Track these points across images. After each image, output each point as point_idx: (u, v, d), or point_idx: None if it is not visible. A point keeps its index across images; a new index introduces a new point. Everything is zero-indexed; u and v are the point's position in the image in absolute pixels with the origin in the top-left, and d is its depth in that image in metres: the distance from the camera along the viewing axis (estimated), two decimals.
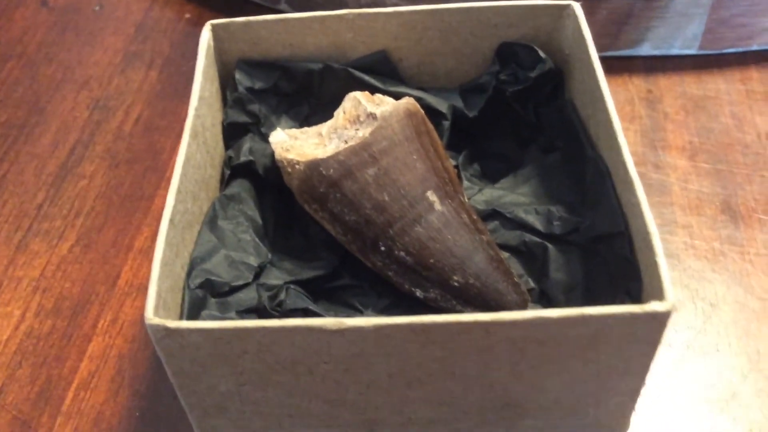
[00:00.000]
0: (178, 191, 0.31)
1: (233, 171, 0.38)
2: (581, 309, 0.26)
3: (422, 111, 0.37)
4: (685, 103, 0.47)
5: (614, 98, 0.47)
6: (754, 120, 0.46)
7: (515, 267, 0.37)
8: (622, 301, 0.30)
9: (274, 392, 0.29)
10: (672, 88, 0.48)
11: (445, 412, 0.31)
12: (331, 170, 0.34)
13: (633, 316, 0.26)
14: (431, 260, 0.34)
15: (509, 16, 0.39)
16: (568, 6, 0.38)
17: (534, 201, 0.38)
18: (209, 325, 0.26)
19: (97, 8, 0.57)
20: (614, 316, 0.26)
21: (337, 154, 0.34)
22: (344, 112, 0.36)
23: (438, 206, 0.34)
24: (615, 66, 0.50)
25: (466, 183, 0.40)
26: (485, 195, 0.39)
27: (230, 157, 0.38)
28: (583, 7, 0.47)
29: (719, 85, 0.48)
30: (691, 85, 0.48)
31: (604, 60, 0.49)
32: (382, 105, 0.35)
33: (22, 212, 0.43)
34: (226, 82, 0.40)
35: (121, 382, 0.36)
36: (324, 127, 0.36)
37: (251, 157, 0.38)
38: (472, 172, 0.41)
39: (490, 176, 0.41)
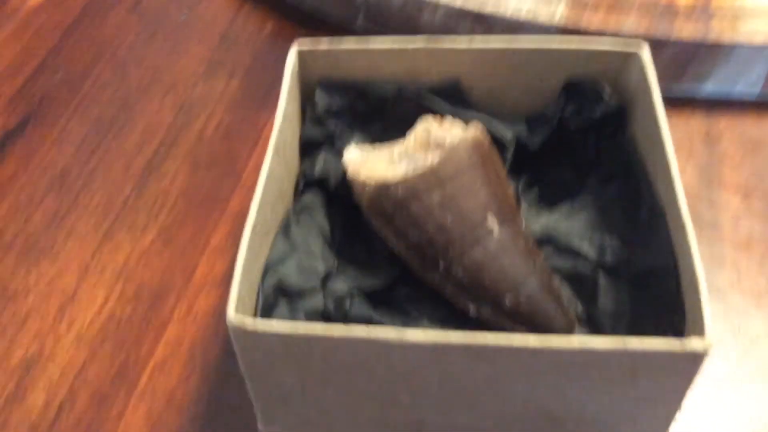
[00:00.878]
0: (261, 203, 0.34)
1: (307, 184, 0.41)
2: (624, 339, 0.29)
3: (488, 138, 0.39)
4: (743, 144, 0.49)
5: (673, 136, 0.49)
6: None
7: (565, 291, 0.39)
8: (664, 334, 0.32)
9: (334, 391, 0.32)
10: (731, 128, 0.50)
11: (488, 422, 0.33)
12: (399, 192, 0.37)
13: (672, 351, 0.28)
14: (486, 281, 0.36)
15: (578, 59, 0.41)
16: (634, 53, 0.40)
17: (588, 230, 0.40)
18: (283, 329, 0.29)
19: (183, 17, 0.60)
20: (655, 349, 0.28)
21: (407, 180, 0.37)
22: (415, 137, 0.38)
23: (496, 231, 0.37)
24: (676, 104, 0.51)
25: (525, 207, 0.42)
26: (542, 220, 0.41)
27: (305, 171, 0.41)
28: (651, 47, 0.49)
29: None
30: (750, 126, 0.50)
31: (665, 98, 0.51)
32: (452, 132, 0.38)
33: (110, 204, 0.47)
34: (305, 100, 0.43)
35: (193, 368, 0.39)
36: (396, 149, 0.39)
37: (325, 174, 0.41)
38: (532, 197, 0.43)
39: (547, 202, 0.43)
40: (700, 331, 0.29)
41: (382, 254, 0.40)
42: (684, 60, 0.50)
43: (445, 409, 0.33)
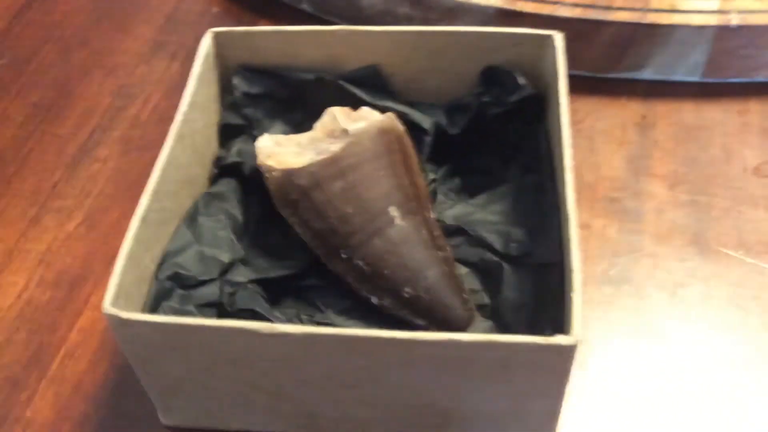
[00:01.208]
0: (154, 192, 0.34)
1: (221, 171, 0.41)
2: (491, 336, 0.28)
3: (399, 128, 0.39)
4: (677, 132, 0.48)
5: (607, 121, 0.49)
6: (743, 153, 0.47)
7: (473, 282, 0.39)
8: (542, 331, 0.31)
9: (220, 381, 0.32)
10: (667, 115, 0.49)
11: (378, 413, 0.33)
12: (303, 180, 0.37)
13: (539, 347, 0.28)
14: (386, 271, 0.36)
15: (494, 42, 0.40)
16: (548, 36, 0.39)
17: (501, 221, 0.40)
18: (157, 319, 0.30)
19: None
20: (521, 345, 0.28)
21: (309, 165, 0.37)
22: (322, 126, 0.38)
23: (398, 221, 0.36)
24: (615, 88, 0.51)
25: (440, 197, 0.42)
26: (456, 210, 0.41)
27: (219, 157, 0.41)
28: (586, 27, 0.48)
29: (715, 115, 0.49)
30: (687, 113, 0.49)
31: (605, 81, 0.50)
32: (358, 121, 0.38)
33: (39, 189, 0.47)
34: (226, 86, 0.43)
35: (103, 355, 0.39)
36: (304, 138, 0.39)
37: (239, 159, 0.41)
38: (451, 187, 0.43)
39: (471, 191, 0.43)
40: (568, 329, 0.29)
41: (294, 243, 0.40)
42: (621, 43, 0.49)
43: (334, 401, 0.33)
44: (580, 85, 0.51)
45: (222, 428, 0.36)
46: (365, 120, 0.38)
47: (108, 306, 0.30)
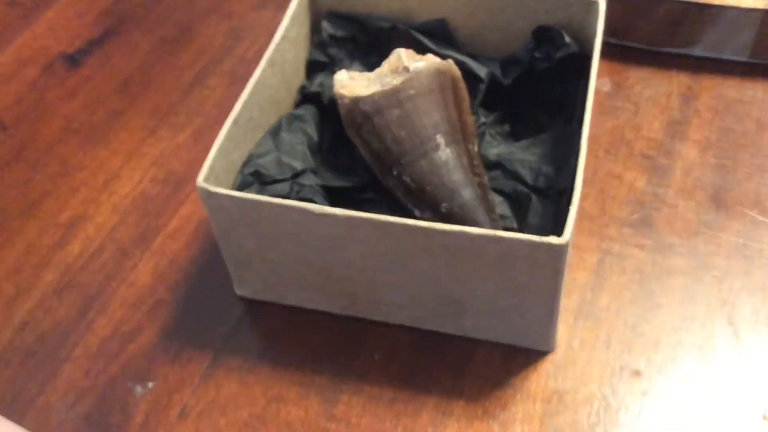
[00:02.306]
0: (245, 103, 0.42)
1: (304, 97, 0.49)
2: (494, 231, 0.35)
3: (455, 72, 0.45)
4: (717, 104, 0.52)
5: (655, 90, 0.54)
6: None
7: (505, 209, 0.45)
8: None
9: (283, 255, 0.40)
10: (711, 88, 0.53)
11: (406, 299, 0.41)
12: (367, 106, 0.44)
13: (534, 244, 0.35)
14: (428, 188, 0.43)
15: (547, 4, 0.46)
16: (594, 2, 0.45)
17: (538, 160, 0.46)
18: (235, 194, 0.38)
19: None
20: (519, 241, 0.35)
21: (373, 94, 0.44)
22: (388, 64, 0.45)
23: (443, 148, 0.43)
24: (667, 62, 0.55)
25: (487, 138, 0.48)
26: (500, 149, 0.48)
27: (303, 86, 0.49)
28: (644, 3, 0.53)
29: (756, 93, 0.53)
30: (730, 88, 0.53)
31: (657, 54, 0.55)
32: (419, 61, 0.45)
33: (159, 107, 0.57)
34: (317, 28, 0.51)
35: (196, 239, 0.48)
36: (373, 74, 0.46)
37: (320, 89, 0.49)
38: (500, 131, 0.49)
39: (516, 136, 0.49)
40: (562, 231, 0.35)
41: (358, 162, 0.47)
42: (675, 20, 0.54)
43: (371, 282, 0.40)
44: (634, 56, 0.56)
45: (281, 302, 0.44)
46: (425, 61, 0.45)
47: (201, 181, 0.38)
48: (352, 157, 0.48)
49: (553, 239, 0.35)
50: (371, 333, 0.43)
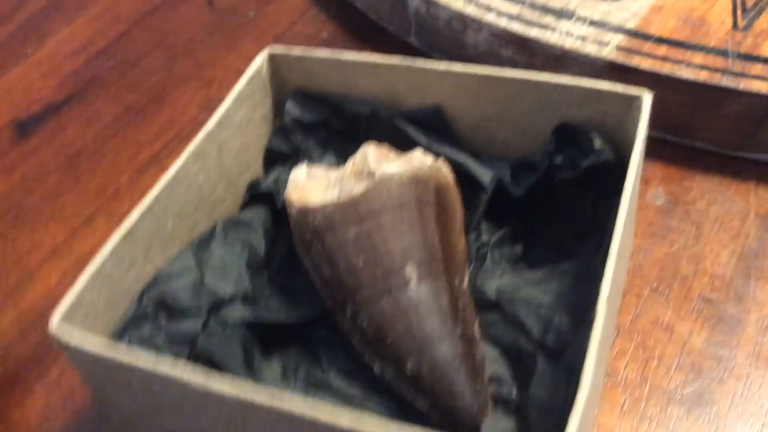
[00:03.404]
0: (148, 209, 0.31)
1: (253, 198, 0.38)
2: None
3: (443, 179, 0.34)
4: None
5: (725, 207, 0.41)
6: None
7: (502, 370, 0.33)
8: None
9: (173, 426, 0.29)
10: None
11: None
12: (317, 220, 0.32)
13: None
14: (389, 339, 0.31)
15: (571, 96, 0.34)
16: (636, 97, 0.33)
17: (549, 303, 0.34)
18: (92, 349, 0.26)
19: (251, 14, 0.59)
20: None
21: (325, 207, 0.32)
22: (353, 164, 0.34)
23: (413, 284, 0.31)
24: (743, 170, 0.42)
25: (488, 263, 0.36)
26: (503, 282, 0.35)
27: (252, 184, 0.38)
28: (713, 95, 0.40)
29: None
30: None
31: (731, 160, 0.42)
32: (391, 164, 0.33)
33: (103, 190, 0.47)
34: (281, 111, 0.40)
35: None
36: (334, 175, 0.35)
37: (274, 187, 0.37)
38: (509, 253, 0.37)
39: (530, 261, 0.37)
40: None
41: (313, 289, 0.36)
42: (755, 118, 0.41)
43: None
44: (700, 161, 0.43)
45: None
46: (400, 164, 0.33)
47: (54, 323, 0.27)
48: (306, 280, 0.36)
49: None
50: None
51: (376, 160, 0.33)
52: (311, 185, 0.35)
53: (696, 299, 0.37)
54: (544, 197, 0.37)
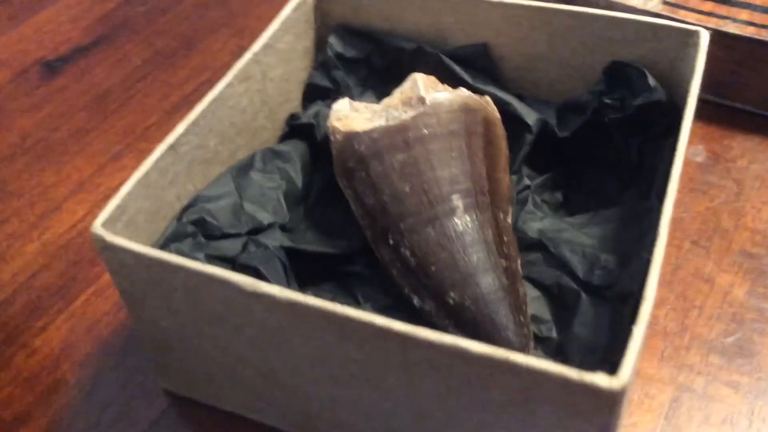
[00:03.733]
0: (194, 123, 0.31)
1: (292, 130, 0.37)
2: (508, 354, 0.22)
3: (491, 113, 0.33)
4: None
5: (765, 165, 0.40)
6: None
7: (542, 310, 0.32)
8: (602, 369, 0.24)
9: (209, 344, 0.28)
10: None
11: (377, 428, 0.27)
12: (363, 146, 0.32)
13: (570, 383, 0.21)
14: (432, 267, 0.30)
15: (626, 32, 0.34)
16: (694, 32, 0.32)
17: (593, 245, 0.33)
18: (137, 248, 0.26)
19: None
20: (546, 375, 0.22)
21: (372, 131, 0.32)
22: (401, 92, 0.33)
23: (460, 213, 0.31)
24: None
25: (530, 206, 0.36)
26: (544, 224, 0.35)
27: (293, 115, 0.37)
28: (758, 52, 0.40)
29: None
30: None
31: None
32: (440, 93, 0.32)
33: (131, 129, 0.46)
34: (323, 45, 0.39)
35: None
36: (380, 104, 0.34)
37: (313, 121, 0.37)
38: (549, 199, 0.37)
39: (571, 208, 0.36)
40: (618, 368, 0.22)
41: (352, 222, 0.35)
42: None
43: (328, 399, 0.27)
44: (740, 120, 0.42)
45: (215, 405, 0.31)
46: (449, 92, 0.32)
47: (97, 226, 0.26)
48: (344, 213, 0.36)
49: (601, 379, 0.21)
50: None
51: (425, 86, 0.32)
52: (356, 115, 0.34)
53: (737, 253, 0.36)
54: (590, 140, 0.36)
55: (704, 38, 0.32)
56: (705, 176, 0.40)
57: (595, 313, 0.30)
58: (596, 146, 0.36)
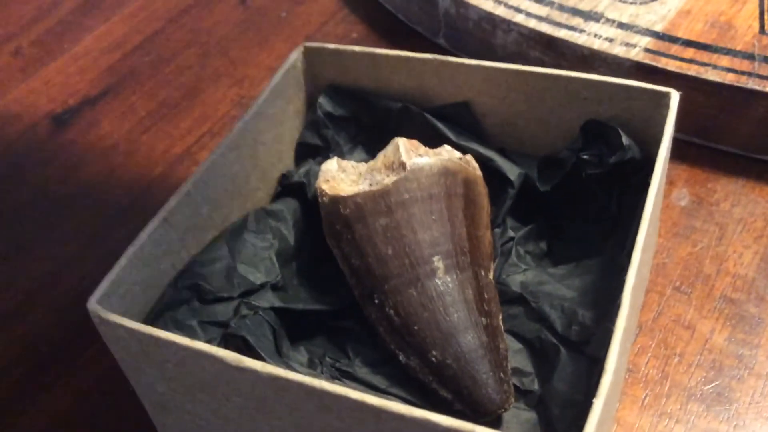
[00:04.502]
0: (187, 194, 0.32)
1: (284, 189, 0.39)
2: (474, 427, 0.23)
3: (471, 173, 0.35)
4: None
5: (748, 209, 0.41)
6: None
7: (524, 363, 0.33)
8: None
9: (202, 408, 0.30)
10: None
11: None
12: (348, 210, 0.33)
13: None
14: (415, 327, 0.32)
15: (600, 92, 0.35)
16: (666, 94, 0.33)
17: (573, 298, 0.34)
18: (131, 325, 0.27)
19: (283, 14, 0.60)
20: None
21: (356, 195, 0.33)
22: (384, 156, 0.35)
23: (441, 274, 0.32)
24: (766, 174, 0.43)
25: (513, 258, 0.37)
26: (527, 277, 0.36)
27: (284, 175, 0.39)
28: (739, 97, 0.41)
29: None
30: None
31: (755, 163, 0.42)
32: (422, 156, 0.34)
33: (134, 186, 0.48)
34: (314, 105, 0.41)
35: None
36: (365, 167, 0.36)
37: (304, 180, 0.38)
38: (533, 250, 0.38)
39: (555, 258, 0.38)
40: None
41: (341, 281, 0.37)
42: None
43: None
44: (724, 163, 0.43)
45: None
46: (429, 156, 0.34)
47: (92, 302, 0.28)
48: (338, 270, 0.37)
49: None
50: None
51: (406, 151, 0.34)
52: (342, 176, 0.36)
53: (718, 299, 0.37)
54: (571, 194, 0.37)
55: (674, 99, 0.33)
56: (689, 221, 0.41)
57: (574, 368, 0.31)
58: (577, 199, 0.37)
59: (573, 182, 0.37)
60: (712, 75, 0.42)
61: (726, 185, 0.42)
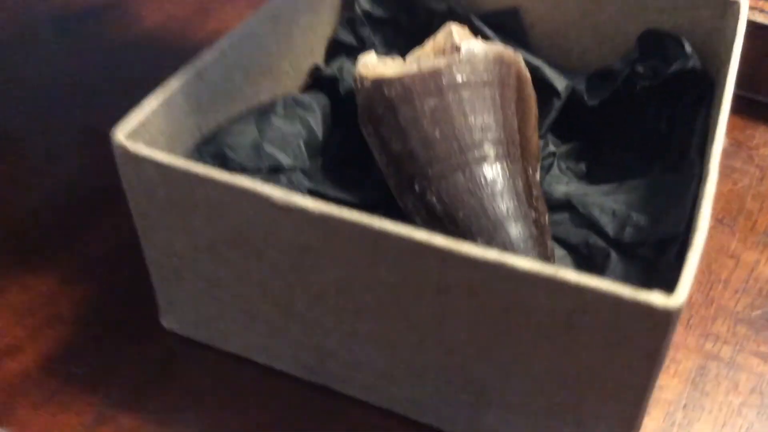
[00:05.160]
0: (221, 53, 0.30)
1: (315, 82, 0.36)
2: (557, 270, 0.21)
3: (524, 69, 0.32)
4: None
5: None
6: None
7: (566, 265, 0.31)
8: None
9: (226, 272, 0.27)
10: None
11: (398, 368, 0.26)
12: (393, 91, 0.31)
13: (620, 302, 0.20)
14: (460, 214, 0.29)
15: (664, 3, 0.33)
16: (734, 3, 0.32)
17: (626, 208, 0.32)
18: (163, 159, 0.25)
19: None
20: (597, 293, 0.20)
21: (404, 76, 0.31)
22: (433, 42, 0.33)
23: (491, 161, 0.30)
24: None
25: (554, 170, 0.35)
26: (570, 187, 0.34)
27: (317, 67, 0.37)
28: None
29: None
30: None
31: None
32: (476, 42, 0.32)
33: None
34: (352, 1, 0.38)
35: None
36: (411, 55, 0.33)
37: (337, 75, 0.36)
38: (572, 167, 0.36)
39: (593, 181, 0.36)
40: (671, 289, 0.21)
41: (371, 177, 0.34)
42: None
43: (347, 337, 0.26)
44: (761, 113, 0.42)
45: (222, 347, 0.30)
46: (484, 43, 0.32)
47: (119, 136, 0.25)
48: (364, 168, 0.35)
49: (657, 297, 0.20)
50: (342, 416, 0.28)
51: (460, 36, 0.32)
52: (384, 63, 0.33)
53: (762, 233, 0.36)
54: (618, 112, 0.35)
55: (744, 8, 0.31)
56: (728, 161, 0.39)
57: (625, 271, 0.29)
58: (623, 120, 0.36)
59: (623, 98, 0.35)
60: (759, 17, 0.40)
61: (765, 133, 0.41)
